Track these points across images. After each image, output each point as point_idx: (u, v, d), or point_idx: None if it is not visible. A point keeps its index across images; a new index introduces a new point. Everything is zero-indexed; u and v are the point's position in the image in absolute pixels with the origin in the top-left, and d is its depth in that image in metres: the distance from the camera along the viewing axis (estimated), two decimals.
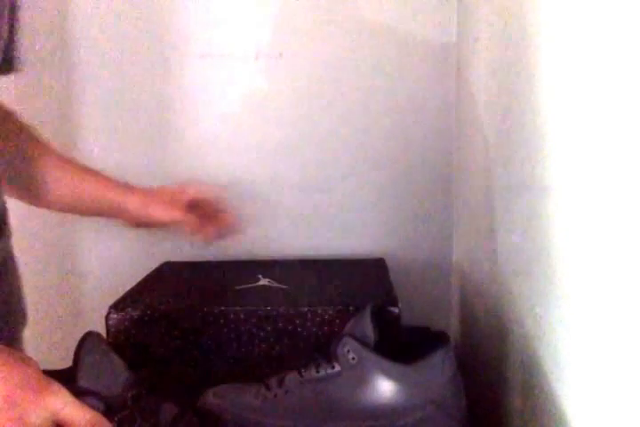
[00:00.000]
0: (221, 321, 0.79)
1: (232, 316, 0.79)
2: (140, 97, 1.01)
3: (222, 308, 0.80)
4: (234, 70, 0.99)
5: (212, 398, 0.69)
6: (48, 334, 0.89)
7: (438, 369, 0.64)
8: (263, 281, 0.89)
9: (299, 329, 0.79)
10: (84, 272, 1.06)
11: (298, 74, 0.99)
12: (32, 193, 0.81)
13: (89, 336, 0.63)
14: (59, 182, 0.81)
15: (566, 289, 0.58)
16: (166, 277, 0.94)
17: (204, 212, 0.85)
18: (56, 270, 1.06)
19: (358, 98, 1.00)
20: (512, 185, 0.74)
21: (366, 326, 0.65)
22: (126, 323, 0.79)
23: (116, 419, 0.59)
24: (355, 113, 1.01)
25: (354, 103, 1.00)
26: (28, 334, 0.78)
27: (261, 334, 0.79)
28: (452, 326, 1.05)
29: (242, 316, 0.79)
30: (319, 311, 0.79)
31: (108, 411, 0.59)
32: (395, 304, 0.79)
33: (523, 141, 0.69)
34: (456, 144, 1.01)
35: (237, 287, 0.87)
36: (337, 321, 0.78)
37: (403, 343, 0.69)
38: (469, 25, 0.91)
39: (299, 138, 1.02)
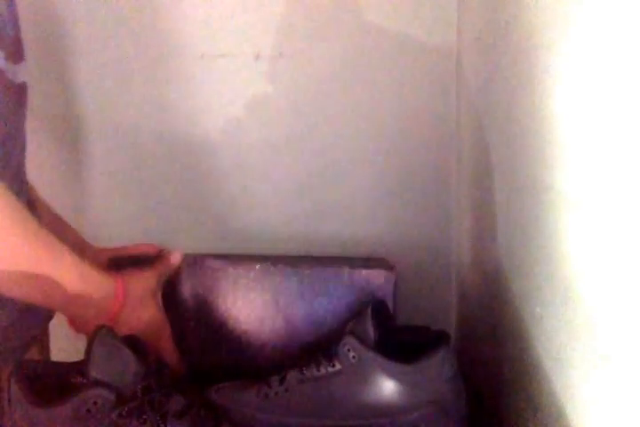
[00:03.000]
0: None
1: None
2: (139, 97, 1.01)
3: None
4: (234, 70, 0.99)
5: (214, 395, 0.69)
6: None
7: (439, 369, 0.64)
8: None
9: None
10: None
11: (298, 74, 0.99)
12: None
13: (101, 330, 0.65)
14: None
15: (567, 289, 0.58)
16: None
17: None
18: None
19: (358, 98, 1.00)
20: (512, 185, 0.74)
21: (367, 326, 0.66)
22: None
23: (125, 409, 0.60)
24: (355, 113, 1.01)
25: (354, 103, 1.01)
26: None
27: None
28: (452, 326, 1.05)
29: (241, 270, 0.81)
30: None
31: (119, 402, 0.61)
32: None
33: (523, 142, 0.69)
34: (456, 144, 1.01)
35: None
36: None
37: (403, 343, 0.69)
38: (469, 25, 0.91)
39: (299, 138, 1.02)
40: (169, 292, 0.80)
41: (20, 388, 0.64)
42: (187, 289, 0.82)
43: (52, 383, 0.66)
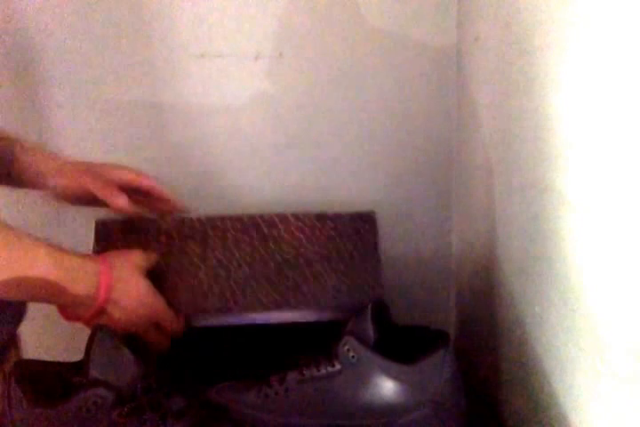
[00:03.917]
0: (208, 228, 0.83)
1: (218, 223, 0.83)
2: (138, 97, 1.00)
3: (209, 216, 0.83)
4: (234, 70, 0.99)
5: (214, 395, 0.69)
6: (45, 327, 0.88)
7: (438, 369, 0.64)
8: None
9: (283, 234, 0.82)
10: None
11: (298, 74, 0.99)
12: None
13: (100, 330, 0.65)
14: None
15: (567, 289, 0.58)
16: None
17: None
18: None
19: (358, 99, 1.00)
20: (512, 185, 0.74)
21: (367, 326, 0.66)
22: None
23: (125, 409, 0.61)
24: (355, 114, 1.01)
25: (354, 104, 1.00)
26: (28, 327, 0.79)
27: (246, 238, 0.82)
28: (452, 326, 1.05)
29: (228, 222, 0.83)
30: (300, 217, 0.83)
31: (118, 401, 0.61)
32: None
33: (523, 142, 0.69)
34: (456, 145, 1.01)
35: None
36: (317, 232, 0.83)
37: (403, 342, 0.69)
38: (469, 25, 0.91)
39: (298, 138, 1.02)
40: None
41: (20, 388, 0.64)
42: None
43: (52, 383, 0.66)
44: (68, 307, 0.71)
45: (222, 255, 0.81)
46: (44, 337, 0.73)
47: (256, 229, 0.83)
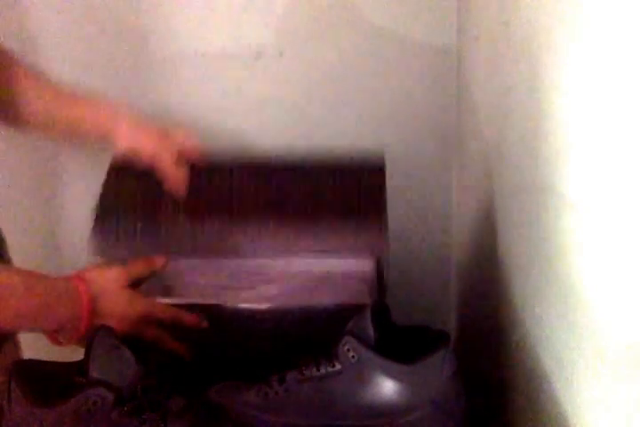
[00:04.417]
0: (215, 172, 0.83)
1: (226, 167, 0.83)
2: (139, 97, 1.01)
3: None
4: (234, 70, 0.99)
5: (214, 395, 0.69)
6: None
7: (438, 369, 0.64)
8: None
9: (288, 180, 0.82)
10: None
11: (298, 74, 0.99)
12: (4, 112, 0.81)
13: (100, 330, 0.65)
14: (33, 101, 0.81)
15: (567, 289, 0.58)
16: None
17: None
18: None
19: (358, 98, 1.00)
20: (512, 185, 0.74)
21: (367, 326, 0.65)
22: None
23: (125, 409, 0.61)
24: (354, 114, 1.01)
25: (354, 104, 1.01)
26: None
27: (252, 183, 0.82)
28: (452, 326, 1.05)
29: (235, 168, 0.83)
30: (307, 165, 0.83)
31: (119, 401, 0.61)
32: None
33: (523, 142, 0.69)
34: (456, 145, 1.01)
35: None
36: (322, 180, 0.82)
37: (403, 342, 0.69)
38: (469, 25, 0.91)
39: (299, 138, 1.02)
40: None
41: (19, 388, 0.64)
42: None
43: (52, 383, 0.66)
44: (56, 332, 0.71)
45: (227, 200, 0.81)
46: (44, 337, 0.73)
47: (262, 175, 0.83)
